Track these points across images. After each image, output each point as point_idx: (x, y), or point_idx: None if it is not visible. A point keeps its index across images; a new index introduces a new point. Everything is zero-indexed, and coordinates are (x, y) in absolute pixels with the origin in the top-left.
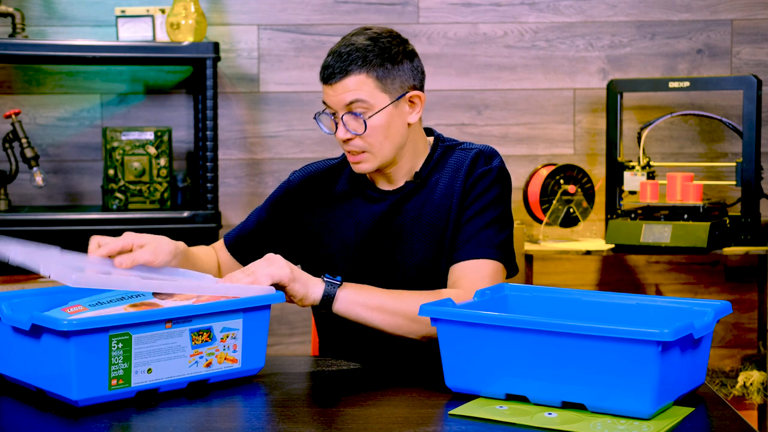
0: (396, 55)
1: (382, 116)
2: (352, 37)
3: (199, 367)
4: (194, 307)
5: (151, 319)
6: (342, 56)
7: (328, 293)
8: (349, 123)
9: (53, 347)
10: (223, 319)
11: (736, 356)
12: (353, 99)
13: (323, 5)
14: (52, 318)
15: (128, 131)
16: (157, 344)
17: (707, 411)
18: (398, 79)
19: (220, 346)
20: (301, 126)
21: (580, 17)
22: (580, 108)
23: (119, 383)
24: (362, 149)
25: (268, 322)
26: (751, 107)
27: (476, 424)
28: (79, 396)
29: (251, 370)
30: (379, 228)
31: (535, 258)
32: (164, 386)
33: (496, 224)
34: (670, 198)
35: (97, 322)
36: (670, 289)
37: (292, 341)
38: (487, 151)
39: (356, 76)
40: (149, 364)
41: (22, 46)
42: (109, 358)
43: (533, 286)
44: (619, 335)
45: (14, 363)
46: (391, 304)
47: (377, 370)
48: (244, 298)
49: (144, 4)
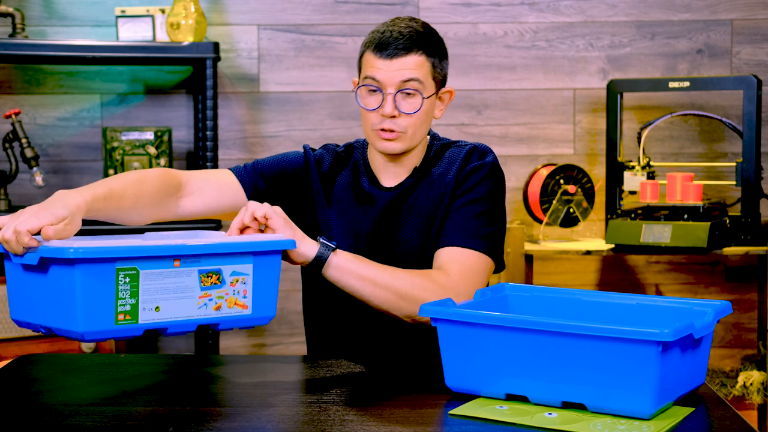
0: (444, 49)
1: (429, 101)
2: (405, 21)
3: (209, 310)
4: (203, 246)
5: (158, 254)
6: (404, 35)
7: (321, 255)
8: (399, 101)
9: (60, 278)
10: (233, 263)
11: (736, 356)
12: (411, 77)
13: (323, 5)
14: (59, 248)
15: (128, 131)
16: (166, 282)
17: (707, 411)
18: (442, 71)
19: (230, 290)
20: (301, 126)
21: (580, 17)
22: (580, 108)
23: (126, 319)
24: (401, 130)
25: (279, 270)
26: (751, 107)
27: (476, 424)
28: (85, 328)
29: (262, 318)
30: (377, 222)
31: (535, 258)
32: (172, 326)
33: (484, 216)
34: (670, 198)
35: (104, 252)
36: (670, 289)
37: (293, 341)
38: (481, 148)
39: (418, 57)
40: (157, 302)
41: (22, 46)
42: (116, 292)
43: (533, 286)
44: (620, 335)
45: (25, 305)
46: (382, 278)
47: (377, 370)
48: (254, 241)
49: (144, 4)
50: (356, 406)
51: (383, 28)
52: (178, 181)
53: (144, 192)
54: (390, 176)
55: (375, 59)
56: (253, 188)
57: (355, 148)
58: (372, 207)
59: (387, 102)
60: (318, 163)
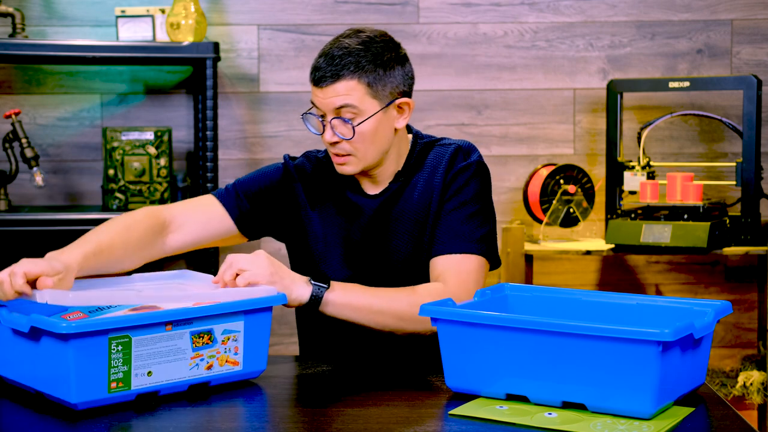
0: (388, 61)
1: (371, 123)
2: (345, 39)
3: (200, 370)
4: (195, 309)
5: (151, 321)
6: (334, 59)
7: (316, 295)
8: (337, 127)
9: (52, 350)
10: (225, 321)
11: (736, 356)
12: (343, 104)
13: (323, 5)
14: (51, 321)
15: (128, 131)
16: (158, 347)
17: (707, 411)
18: (389, 85)
19: (221, 348)
20: (301, 126)
21: (580, 17)
22: (580, 108)
23: (119, 386)
24: (348, 152)
25: (270, 324)
26: (751, 107)
27: (476, 424)
28: (78, 399)
29: (253, 372)
30: (365, 231)
31: (535, 258)
32: (164, 389)
33: (476, 218)
34: (670, 198)
35: (97, 324)
36: (670, 289)
37: (292, 341)
38: (465, 147)
39: (347, 82)
40: (149, 367)
41: (22, 46)
42: (108, 361)
43: (533, 286)
44: (620, 335)
45: (13, 365)
46: (378, 304)
47: (377, 370)
48: (245, 300)
49: (144, 4)
50: (355, 406)
51: (322, 51)
52: (162, 219)
53: (131, 239)
54: (371, 185)
55: (312, 86)
56: (238, 211)
57: None
58: (359, 215)
59: (326, 130)
60: (300, 172)
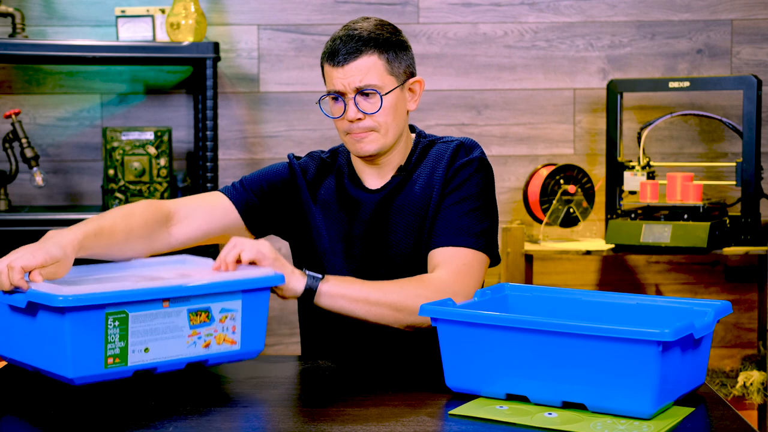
0: (399, 42)
1: (392, 97)
2: (357, 23)
3: (198, 348)
4: (193, 287)
5: (148, 297)
6: (353, 38)
7: (311, 286)
8: (360, 103)
9: (49, 324)
10: (222, 300)
11: (736, 356)
12: (365, 79)
13: (323, 5)
14: (48, 294)
15: (128, 131)
16: (155, 323)
17: (707, 411)
18: (403, 63)
19: (219, 326)
20: (301, 126)
21: (580, 17)
22: (580, 108)
23: (116, 362)
24: (371, 128)
25: (267, 305)
26: (751, 107)
27: (476, 424)
28: (75, 374)
29: (250, 352)
30: (367, 225)
31: (535, 258)
32: (162, 366)
33: (476, 213)
34: (670, 198)
35: (93, 298)
36: (670, 289)
37: (292, 341)
38: (467, 143)
39: (369, 57)
40: (146, 343)
41: (22, 46)
42: (105, 336)
43: (533, 286)
44: (620, 335)
45: (11, 342)
46: (374, 295)
47: (377, 370)
48: (243, 279)
49: (144, 4)
50: (355, 406)
51: (334, 36)
52: (167, 210)
53: (134, 224)
54: (374, 178)
55: (331, 69)
56: (245, 205)
57: (339, 153)
58: (360, 210)
59: (349, 107)
60: (303, 171)
